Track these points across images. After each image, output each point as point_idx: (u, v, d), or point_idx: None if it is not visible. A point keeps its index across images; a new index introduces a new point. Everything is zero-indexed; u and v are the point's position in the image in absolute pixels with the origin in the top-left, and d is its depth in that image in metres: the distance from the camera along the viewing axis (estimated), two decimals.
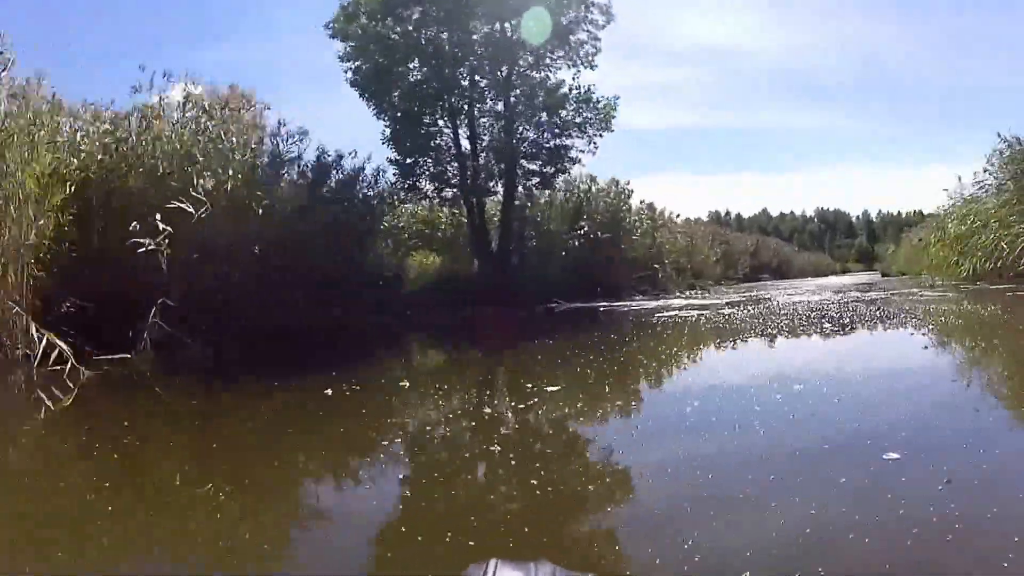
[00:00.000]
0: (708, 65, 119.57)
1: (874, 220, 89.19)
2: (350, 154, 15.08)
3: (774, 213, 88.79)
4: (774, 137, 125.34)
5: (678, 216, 27.64)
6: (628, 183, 20.69)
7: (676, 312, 12.61)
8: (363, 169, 15.47)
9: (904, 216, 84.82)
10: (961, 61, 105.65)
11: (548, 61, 18.38)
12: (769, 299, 15.68)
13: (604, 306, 15.33)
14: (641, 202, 22.90)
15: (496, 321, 14.22)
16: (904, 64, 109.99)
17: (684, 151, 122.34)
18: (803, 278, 39.82)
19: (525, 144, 18.51)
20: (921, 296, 14.79)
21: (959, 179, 19.63)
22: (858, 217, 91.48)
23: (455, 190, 18.85)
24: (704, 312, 12.39)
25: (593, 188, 20.48)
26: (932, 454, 3.01)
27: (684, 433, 3.78)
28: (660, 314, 12.15)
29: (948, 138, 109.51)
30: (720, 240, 33.24)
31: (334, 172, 14.95)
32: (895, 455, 2.90)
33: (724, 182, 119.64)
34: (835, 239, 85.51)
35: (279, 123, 13.47)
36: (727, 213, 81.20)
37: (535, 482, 2.90)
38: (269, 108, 13.33)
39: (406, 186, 18.70)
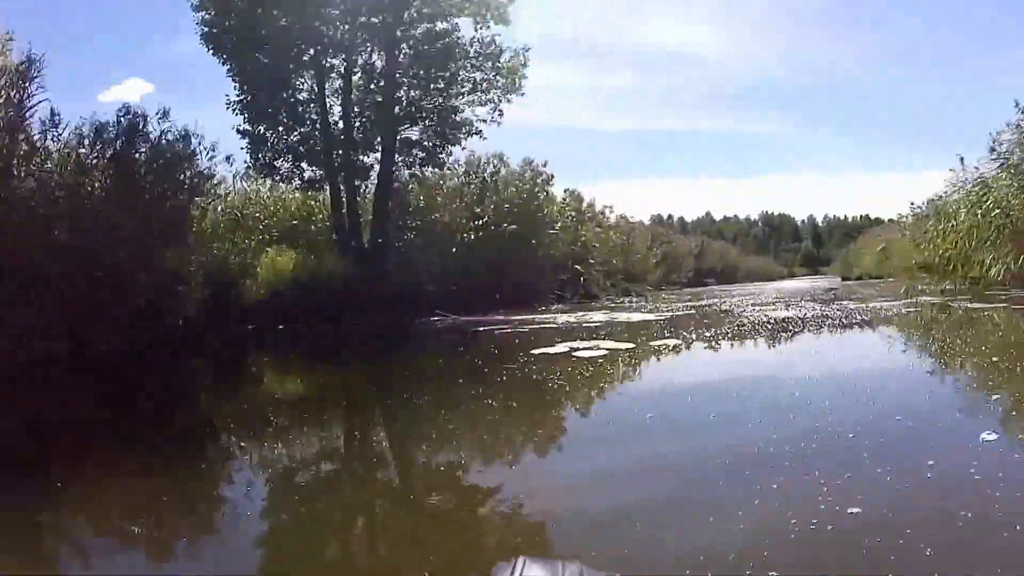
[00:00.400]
0: (659, 71, 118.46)
1: (820, 225, 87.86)
2: (159, 115, 10.61)
3: (717, 217, 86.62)
4: (721, 144, 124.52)
5: (611, 210, 23.92)
6: (545, 164, 16.84)
7: (577, 346, 7.12)
8: (182, 139, 10.94)
9: (851, 220, 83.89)
10: (911, 73, 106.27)
11: (446, 7, 14.42)
12: (729, 312, 11.70)
13: (499, 323, 11.21)
14: (565, 191, 19.17)
15: (315, 347, 10.17)
16: (854, 75, 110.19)
17: (632, 156, 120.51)
18: (751, 283, 36.69)
19: (411, 108, 14.50)
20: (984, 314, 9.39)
21: (961, 161, 15.28)
22: (803, 221, 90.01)
23: (319, 169, 14.74)
24: (626, 344, 7.42)
25: (502, 171, 16.59)
26: None
27: None
28: (549, 348, 7.13)
29: (898, 147, 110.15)
30: (661, 241, 29.69)
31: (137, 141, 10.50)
32: None
33: (670, 187, 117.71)
34: (780, 244, 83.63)
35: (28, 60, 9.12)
36: (669, 216, 78.52)
37: None
38: (12, 39, 9.03)
39: (258, 164, 14.58)
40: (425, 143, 14.65)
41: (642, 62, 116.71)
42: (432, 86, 14.49)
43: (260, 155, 14.47)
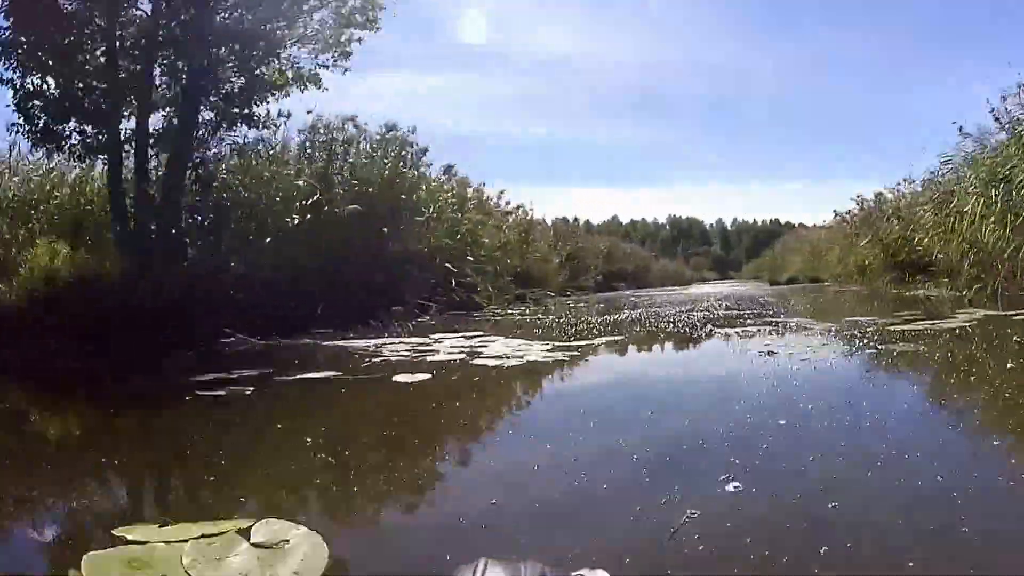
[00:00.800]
0: (563, 77, 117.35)
1: (729, 229, 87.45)
2: None
3: (624, 220, 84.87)
4: (626, 151, 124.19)
5: (507, 201, 20.18)
6: (414, 130, 12.95)
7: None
8: None
9: (760, 224, 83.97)
10: (816, 83, 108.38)
11: None
12: (691, 341, 7.54)
13: (301, 356, 7.21)
14: (444, 168, 15.22)
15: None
16: (758, 84, 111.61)
17: (534, 164, 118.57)
18: (666, 287, 33.84)
19: (220, 51, 10.33)
20: None
21: (960, 130, 12.46)
22: (711, 225, 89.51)
23: (102, 133, 10.43)
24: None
25: (362, 143, 12.60)
26: None
27: None
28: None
29: (813, 155, 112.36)
30: (566, 239, 26.25)
31: None
32: None
33: (576, 197, 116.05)
34: (689, 247, 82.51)
35: None
36: (575, 219, 75.74)
37: None
38: None
39: (31, 126, 10.20)
40: (236, 88, 10.50)
41: (540, 69, 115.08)
42: (248, 14, 10.31)
43: (31, 113, 10.04)
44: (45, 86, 10.24)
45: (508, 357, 5.79)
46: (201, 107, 10.53)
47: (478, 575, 0.86)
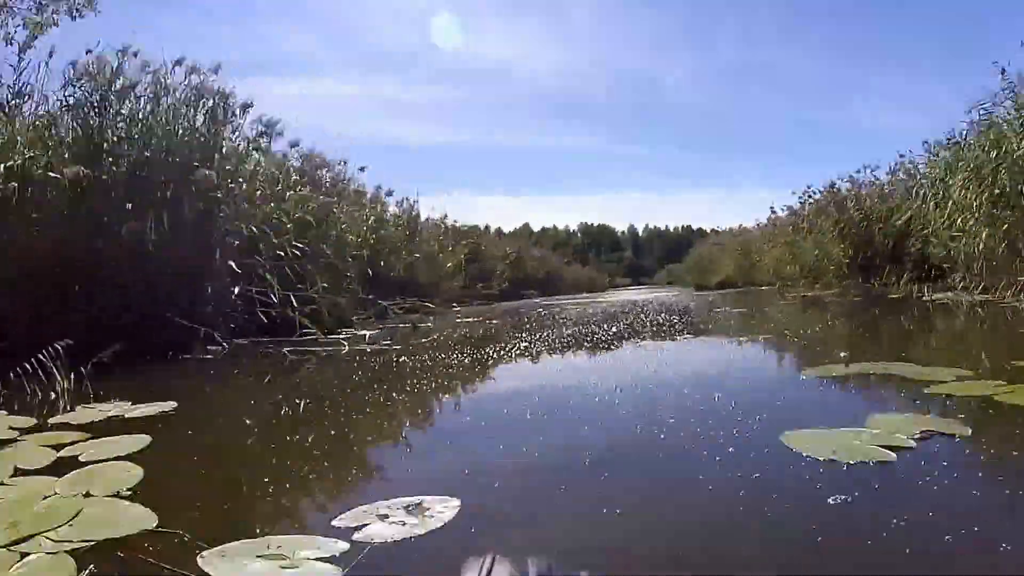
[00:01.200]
0: (481, 85, 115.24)
1: (641, 235, 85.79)
2: None
3: (536, 228, 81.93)
4: (543, 158, 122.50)
5: (387, 192, 16.20)
6: (217, 69, 8.79)
7: None
8: None
9: (673, 231, 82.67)
10: (732, 93, 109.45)
11: None
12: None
13: None
14: (292, 143, 11.10)
15: None
16: (672, 93, 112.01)
17: (449, 171, 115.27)
18: (579, 295, 30.51)
19: None
20: None
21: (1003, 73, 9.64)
22: (624, 232, 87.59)
23: None
24: None
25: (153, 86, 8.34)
26: None
27: None
28: None
29: (726, 164, 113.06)
30: (467, 240, 22.46)
31: None
32: None
33: (491, 204, 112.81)
34: (601, 254, 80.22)
35: None
36: (487, 227, 72.27)
37: None
38: None
39: None
40: None
41: (458, 75, 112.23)
42: None
43: None
44: None
45: None
46: None
47: (484, 570, 0.78)
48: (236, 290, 7.79)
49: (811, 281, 16.19)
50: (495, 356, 5.86)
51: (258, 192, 9.25)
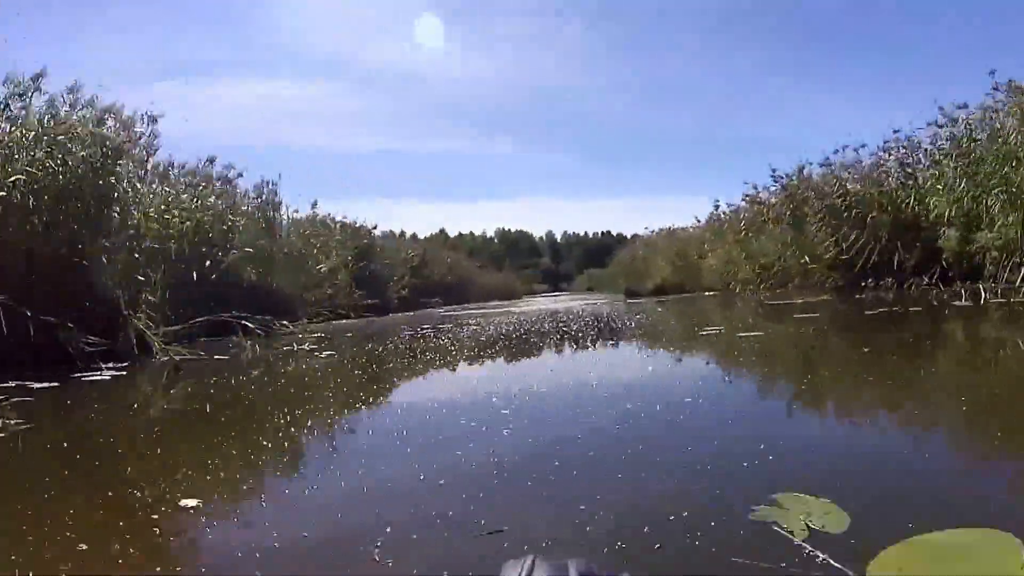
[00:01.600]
0: (391, 91, 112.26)
1: (559, 241, 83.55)
2: None
3: (452, 234, 78.66)
4: (456, 166, 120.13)
5: (237, 172, 12.49)
6: None
7: None
8: None
9: (592, 237, 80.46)
10: (645, 103, 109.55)
11: None
12: None
13: None
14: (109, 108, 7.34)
15: None
16: (592, 103, 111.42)
17: (366, 177, 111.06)
18: (493, 302, 27.35)
19: None
20: None
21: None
22: (541, 238, 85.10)
23: None
24: None
25: None
26: None
27: None
28: None
29: (644, 172, 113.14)
30: (356, 243, 18.86)
31: None
32: None
33: (405, 211, 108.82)
34: (518, 260, 77.47)
35: None
36: (402, 233, 68.43)
37: None
38: None
39: None
40: None
41: (373, 81, 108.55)
42: None
43: None
44: None
45: None
46: None
47: (525, 571, 0.67)
48: None
49: (773, 284, 13.35)
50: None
51: None
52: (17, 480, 2.41)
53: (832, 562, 1.23)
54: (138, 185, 8.16)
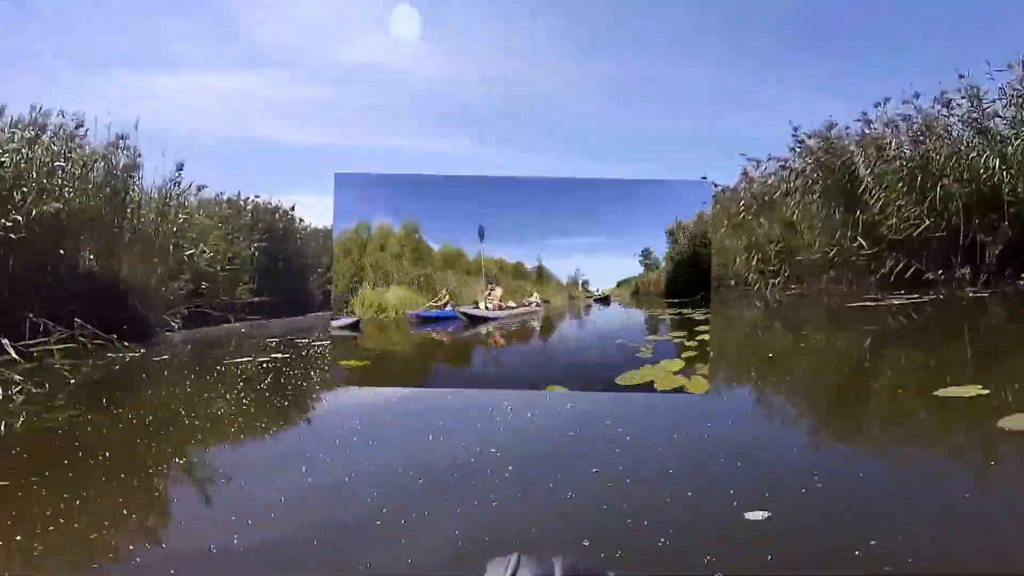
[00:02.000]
0: (360, 85, 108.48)
1: None
2: None
3: None
4: (421, 163, 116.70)
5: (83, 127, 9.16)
6: None
7: None
8: None
9: None
10: (618, 103, 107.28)
11: None
12: None
13: None
14: None
15: None
16: (557, 101, 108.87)
17: (328, 172, 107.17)
18: None
19: None
20: None
21: None
22: None
23: None
24: None
25: None
26: None
27: None
28: None
29: (611, 166, 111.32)
30: (262, 221, 15.54)
31: None
32: None
33: None
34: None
35: None
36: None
37: None
38: None
39: None
40: None
41: (340, 76, 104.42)
42: None
43: None
44: None
45: None
46: None
47: (510, 569, 0.61)
48: None
49: (788, 278, 10.32)
50: None
51: None
52: None
53: None
54: None
